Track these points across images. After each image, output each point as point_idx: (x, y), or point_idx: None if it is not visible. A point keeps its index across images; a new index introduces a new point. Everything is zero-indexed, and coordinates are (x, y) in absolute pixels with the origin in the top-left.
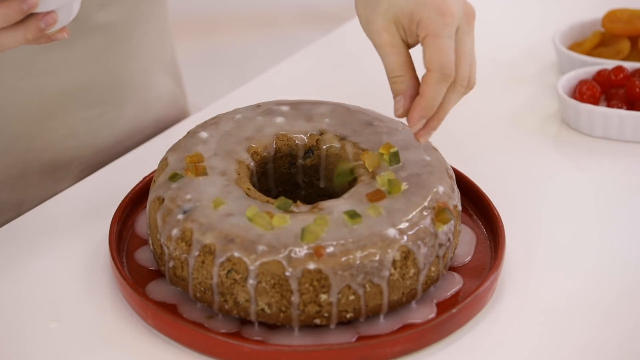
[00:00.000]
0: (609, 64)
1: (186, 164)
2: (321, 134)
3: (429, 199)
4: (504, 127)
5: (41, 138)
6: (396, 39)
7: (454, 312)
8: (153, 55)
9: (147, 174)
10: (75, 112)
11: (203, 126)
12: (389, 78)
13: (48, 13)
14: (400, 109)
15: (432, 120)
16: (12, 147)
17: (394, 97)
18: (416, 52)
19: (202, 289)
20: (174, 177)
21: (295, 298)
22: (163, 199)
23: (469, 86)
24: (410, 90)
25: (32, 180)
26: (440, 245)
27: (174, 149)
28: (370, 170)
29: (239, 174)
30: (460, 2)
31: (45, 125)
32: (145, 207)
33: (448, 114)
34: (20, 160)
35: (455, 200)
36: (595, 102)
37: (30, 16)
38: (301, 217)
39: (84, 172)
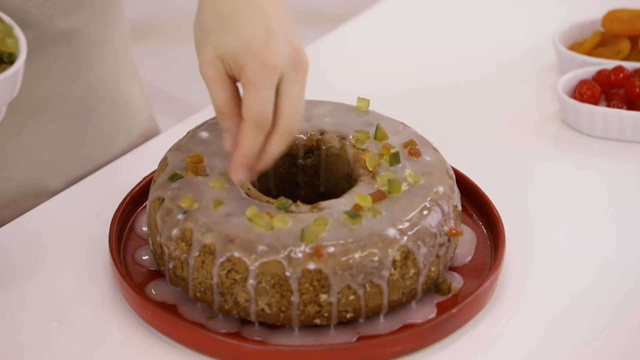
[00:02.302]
0: (609, 64)
1: (186, 164)
2: (321, 134)
3: (429, 199)
4: (504, 127)
5: (14, 154)
6: (222, 75)
7: (454, 312)
8: (118, 63)
9: (147, 174)
10: (46, 124)
11: (203, 126)
12: (216, 114)
13: None
14: (227, 148)
15: (257, 165)
16: None
17: (223, 132)
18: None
19: (202, 289)
20: (174, 177)
21: (295, 298)
22: (163, 199)
23: (292, 132)
24: (235, 128)
25: (10, 198)
26: (440, 245)
27: (174, 149)
28: (370, 170)
29: None
30: (288, 51)
31: (17, 141)
32: (145, 207)
33: (450, 115)
34: None
35: (455, 200)
36: (595, 102)
37: None
38: (301, 217)
39: (62, 186)
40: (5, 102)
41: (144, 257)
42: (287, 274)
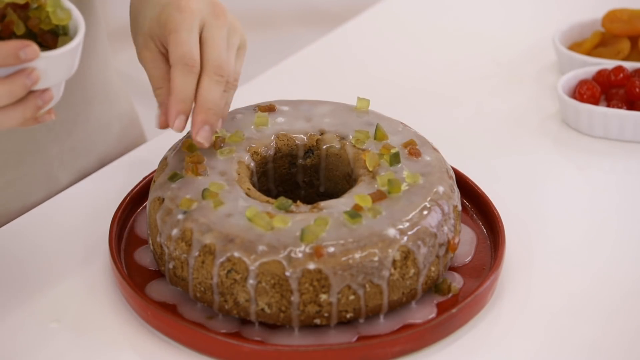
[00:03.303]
0: (609, 64)
1: (186, 164)
2: (321, 134)
3: (429, 199)
4: (504, 127)
5: (28, 149)
6: (155, 54)
7: (454, 312)
8: (104, 52)
9: (147, 174)
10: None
11: None
12: (153, 91)
13: (45, 90)
14: (159, 118)
15: (198, 115)
16: None
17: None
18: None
19: (202, 289)
20: (174, 177)
21: (295, 298)
22: (163, 199)
23: (231, 81)
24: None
25: (23, 194)
26: (440, 245)
27: (174, 149)
28: (370, 170)
29: (239, 174)
30: (205, 3)
31: (30, 135)
32: (145, 207)
33: (450, 115)
34: None
35: (455, 200)
36: (595, 102)
37: (28, 94)
38: (301, 217)
39: (71, 179)
40: (64, 78)
41: (144, 257)
42: (287, 274)
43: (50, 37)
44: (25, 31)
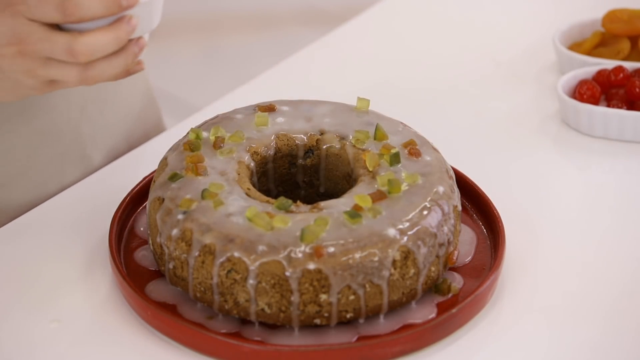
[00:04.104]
0: (609, 64)
1: (186, 164)
2: (321, 134)
3: (429, 199)
4: (504, 127)
5: (64, 129)
6: None
7: (454, 312)
8: None
9: (147, 174)
10: (85, 96)
11: (203, 126)
12: None
13: (139, 38)
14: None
15: None
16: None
17: None
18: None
19: (202, 289)
20: (174, 177)
21: (295, 298)
22: (163, 199)
23: None
24: None
25: (56, 170)
26: (440, 245)
27: (174, 149)
28: (370, 170)
29: (239, 174)
30: None
31: (66, 115)
32: (145, 207)
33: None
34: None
35: (455, 200)
36: (595, 102)
37: (127, 42)
38: (301, 217)
39: (103, 159)
40: (152, 28)
41: (144, 257)
42: (287, 274)
43: None
44: None
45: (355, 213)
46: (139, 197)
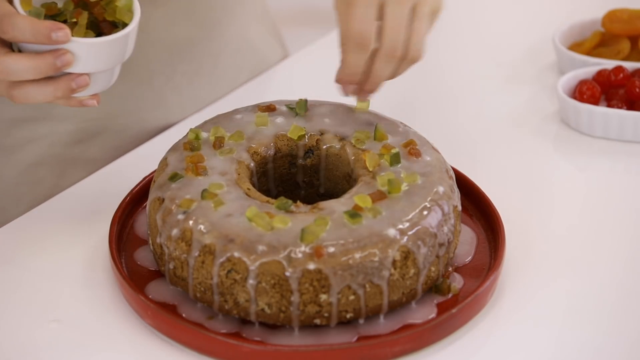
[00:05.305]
0: (609, 64)
1: (186, 164)
2: (321, 134)
3: (429, 199)
4: (504, 127)
5: (147, 97)
6: None
7: (454, 312)
8: (241, 6)
9: (147, 174)
10: (175, 67)
11: (203, 126)
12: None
13: (81, 75)
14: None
15: (367, 86)
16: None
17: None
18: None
19: (202, 289)
20: (174, 177)
21: (295, 298)
22: (163, 199)
23: (409, 57)
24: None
25: (144, 139)
26: (440, 245)
27: (174, 149)
28: (370, 170)
29: (239, 174)
30: None
31: (148, 85)
32: (145, 207)
33: (450, 115)
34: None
35: (455, 200)
36: (595, 102)
37: (63, 74)
38: (301, 217)
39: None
40: (105, 67)
41: (144, 257)
42: (287, 274)
43: (109, 26)
44: (89, 19)
45: (355, 213)
46: (139, 197)
